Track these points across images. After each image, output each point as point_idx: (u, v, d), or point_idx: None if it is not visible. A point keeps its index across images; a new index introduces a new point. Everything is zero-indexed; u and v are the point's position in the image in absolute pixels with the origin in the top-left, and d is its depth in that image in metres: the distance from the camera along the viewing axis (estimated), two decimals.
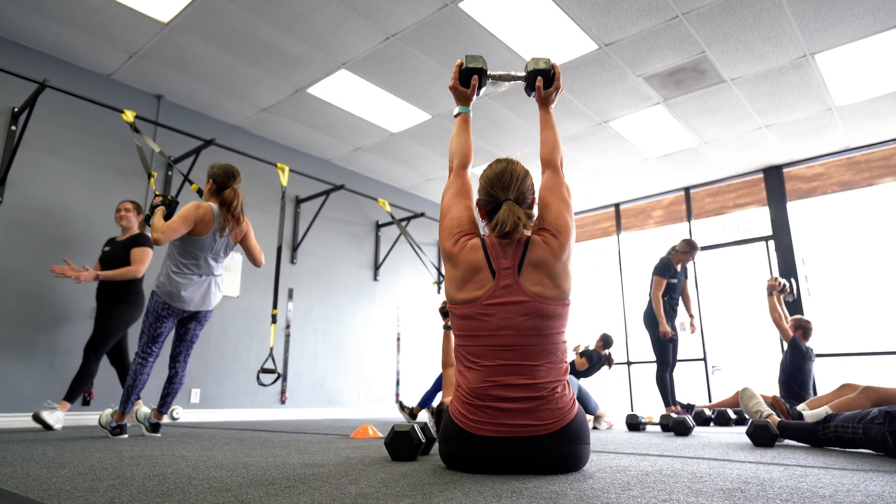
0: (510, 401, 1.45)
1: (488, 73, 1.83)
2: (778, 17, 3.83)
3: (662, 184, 6.83)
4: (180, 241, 2.86)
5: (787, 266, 6.01)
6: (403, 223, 6.52)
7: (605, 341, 5.85)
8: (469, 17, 3.86)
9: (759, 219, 6.50)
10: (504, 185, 1.62)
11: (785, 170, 6.28)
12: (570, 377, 2.87)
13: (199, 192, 3.26)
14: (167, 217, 2.87)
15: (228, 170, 3.02)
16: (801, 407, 2.81)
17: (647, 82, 4.66)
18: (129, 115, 3.86)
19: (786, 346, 4.52)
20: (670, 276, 4.90)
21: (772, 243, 6.20)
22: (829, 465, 1.72)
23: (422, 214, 6.52)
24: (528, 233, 1.61)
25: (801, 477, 1.42)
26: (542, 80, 1.80)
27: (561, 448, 1.43)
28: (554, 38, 4.09)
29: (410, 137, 5.70)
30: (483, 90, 1.87)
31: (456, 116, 1.87)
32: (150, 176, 3.61)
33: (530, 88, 1.87)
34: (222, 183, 2.99)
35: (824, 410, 2.57)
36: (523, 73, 1.85)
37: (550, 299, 1.53)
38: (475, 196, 1.70)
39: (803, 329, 4.47)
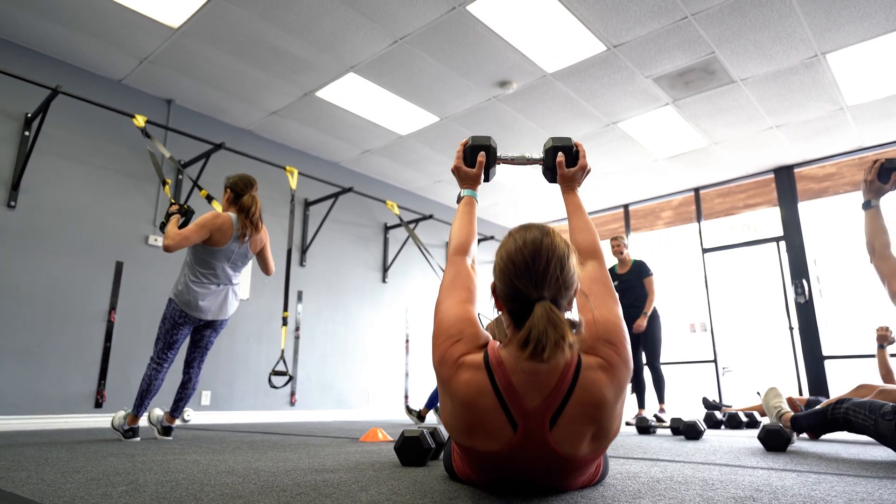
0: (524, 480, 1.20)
1: (498, 153, 1.60)
2: (788, 16, 3.80)
3: (672, 184, 6.80)
4: (199, 250, 2.85)
5: (799, 267, 5.96)
6: (412, 225, 6.53)
7: None
8: (477, 19, 3.86)
9: (769, 219, 6.45)
10: (537, 276, 1.10)
11: (796, 170, 6.23)
12: None
13: (209, 197, 3.27)
14: (183, 225, 2.89)
15: (245, 178, 3.01)
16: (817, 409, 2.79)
17: (656, 83, 4.64)
18: (139, 120, 3.90)
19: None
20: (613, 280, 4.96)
21: (783, 244, 6.15)
22: (842, 471, 1.70)
23: (430, 217, 6.53)
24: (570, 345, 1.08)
25: (814, 484, 1.41)
26: (563, 156, 1.52)
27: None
28: (562, 39, 4.08)
29: (419, 140, 5.71)
30: (493, 173, 1.61)
31: (459, 200, 1.53)
32: (164, 183, 3.63)
33: (550, 171, 1.56)
34: (240, 191, 2.97)
35: None
36: (540, 156, 1.58)
37: (588, 454, 1.13)
38: (486, 276, 1.29)
39: None
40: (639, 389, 4.80)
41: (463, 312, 1.21)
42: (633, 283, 4.83)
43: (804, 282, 4.91)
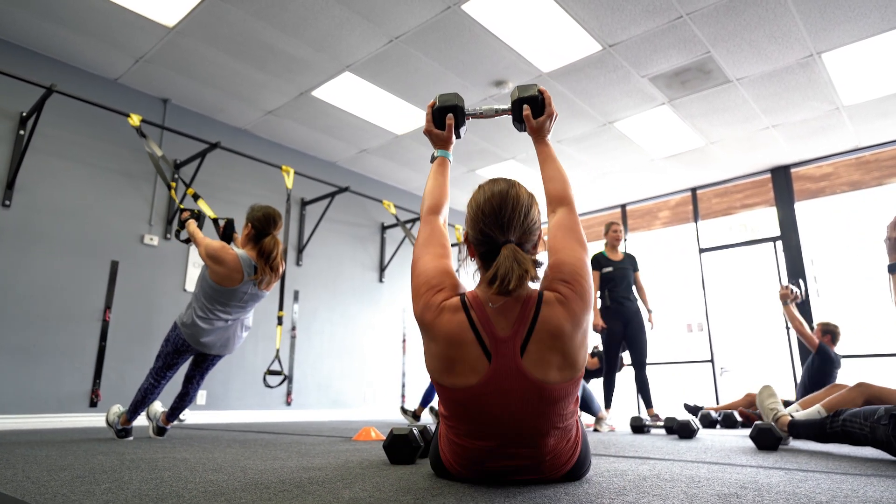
0: (508, 465, 1.27)
1: (466, 109, 1.62)
2: (783, 16, 3.81)
3: (669, 184, 6.79)
4: (209, 286, 2.67)
5: (796, 267, 5.96)
6: (408, 225, 6.53)
7: None
8: (472, 18, 3.86)
9: (766, 219, 6.45)
10: (503, 221, 1.26)
11: (793, 170, 6.23)
12: None
13: (195, 196, 3.27)
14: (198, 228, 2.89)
15: (269, 214, 2.74)
16: (792, 407, 2.79)
17: (651, 83, 4.64)
18: (134, 119, 3.90)
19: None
20: (601, 267, 4.51)
21: (780, 244, 6.15)
22: (831, 469, 1.70)
23: None
24: (534, 284, 1.27)
25: (800, 482, 1.41)
26: (529, 109, 1.55)
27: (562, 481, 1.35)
28: (557, 39, 4.08)
29: (415, 139, 5.71)
30: (463, 130, 1.64)
31: (433, 160, 1.59)
32: (169, 187, 3.64)
33: (519, 121, 1.60)
34: (261, 229, 2.72)
35: (816, 410, 2.55)
36: (507, 106, 1.62)
37: (558, 383, 1.20)
38: (453, 223, 1.48)
39: (832, 334, 4.26)
40: (611, 389, 4.40)
41: (442, 266, 1.33)
42: (626, 273, 4.48)
43: (801, 281, 4.91)
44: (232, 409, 4.99)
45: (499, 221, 1.26)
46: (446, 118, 1.59)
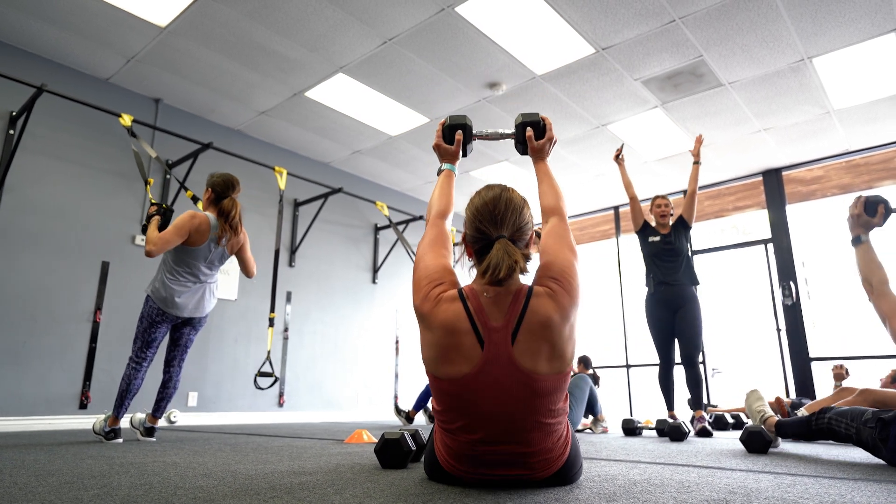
0: (499, 458, 1.30)
1: (473, 130, 1.75)
2: (775, 21, 3.83)
3: (661, 186, 6.82)
4: (176, 249, 2.85)
5: (787, 269, 6.00)
6: (402, 226, 6.53)
7: (585, 363, 5.84)
8: (466, 21, 3.86)
9: (758, 221, 6.49)
10: (497, 218, 1.36)
11: (784, 173, 6.27)
12: (582, 378, 2.79)
13: (194, 198, 3.26)
14: (164, 225, 2.87)
15: (228, 179, 2.99)
16: (801, 411, 2.81)
17: (644, 86, 4.66)
18: (126, 119, 3.87)
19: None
20: (647, 236, 4.10)
21: (771, 246, 6.19)
22: (819, 473, 1.71)
23: (420, 218, 6.52)
24: (522, 279, 1.36)
25: (789, 486, 1.42)
26: (532, 131, 1.69)
27: (552, 484, 1.38)
28: (551, 41, 4.09)
29: (408, 140, 5.71)
30: (470, 148, 1.77)
31: (439, 173, 1.69)
32: (146, 183, 3.60)
33: (521, 143, 1.73)
34: (221, 192, 2.97)
35: None
36: (511, 130, 1.76)
37: (548, 374, 1.26)
38: (460, 229, 1.60)
39: None
40: (667, 388, 3.95)
41: (443, 264, 1.43)
42: (677, 249, 3.96)
43: (791, 283, 4.95)
44: (223, 410, 4.97)
45: (493, 218, 1.36)
46: (455, 134, 1.70)
